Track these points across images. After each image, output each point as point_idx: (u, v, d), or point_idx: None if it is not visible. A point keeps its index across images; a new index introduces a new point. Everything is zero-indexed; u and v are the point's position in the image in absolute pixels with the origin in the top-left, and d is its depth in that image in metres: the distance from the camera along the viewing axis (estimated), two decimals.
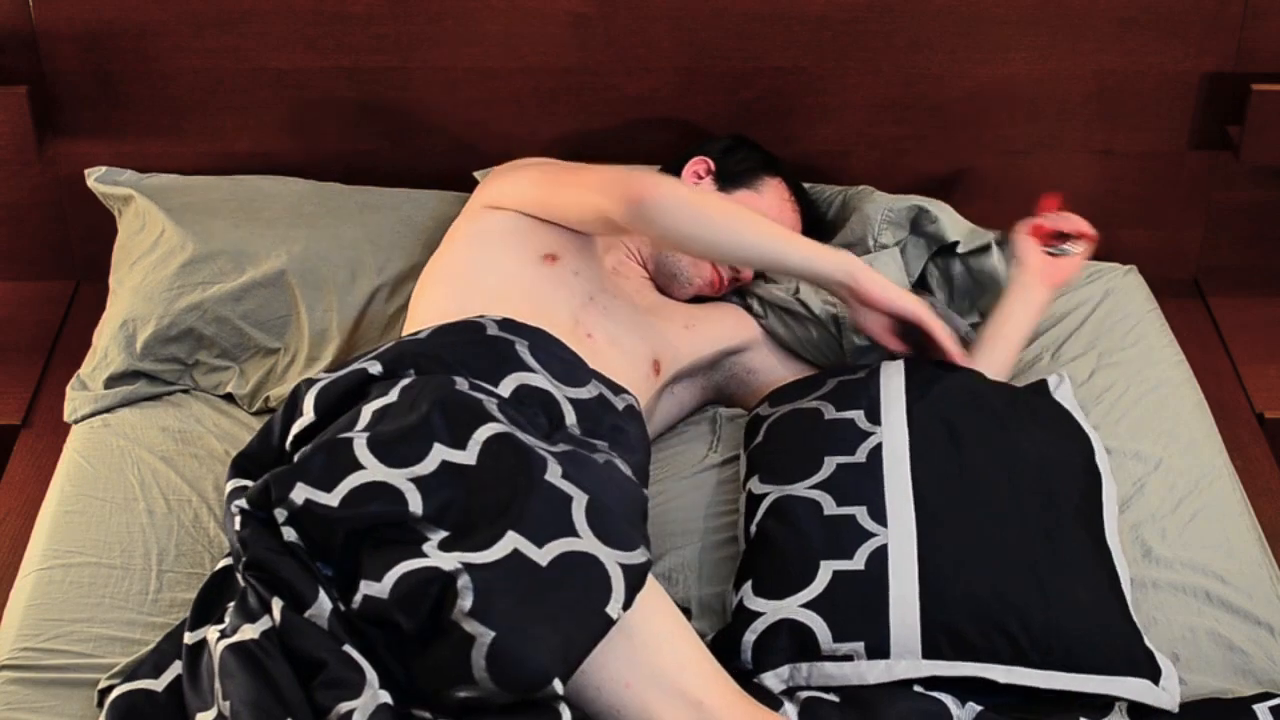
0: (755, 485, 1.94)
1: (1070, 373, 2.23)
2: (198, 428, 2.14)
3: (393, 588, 1.57)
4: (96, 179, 2.41)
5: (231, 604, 1.67)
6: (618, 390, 1.93)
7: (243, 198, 2.39)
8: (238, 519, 1.68)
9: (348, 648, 1.57)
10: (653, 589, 1.68)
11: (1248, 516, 2.04)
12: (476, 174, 2.41)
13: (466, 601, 1.54)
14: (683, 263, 2.23)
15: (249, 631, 1.60)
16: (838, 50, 2.44)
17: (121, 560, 1.92)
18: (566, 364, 1.90)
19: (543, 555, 1.59)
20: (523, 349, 1.87)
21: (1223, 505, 2.04)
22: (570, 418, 1.83)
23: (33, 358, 2.43)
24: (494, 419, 1.70)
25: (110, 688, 1.71)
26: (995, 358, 2.17)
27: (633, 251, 2.26)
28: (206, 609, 1.72)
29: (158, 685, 1.69)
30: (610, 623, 1.57)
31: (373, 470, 1.63)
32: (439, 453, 1.66)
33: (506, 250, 2.07)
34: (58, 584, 1.89)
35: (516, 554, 1.58)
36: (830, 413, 1.98)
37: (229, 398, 2.20)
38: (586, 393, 1.87)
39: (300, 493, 1.62)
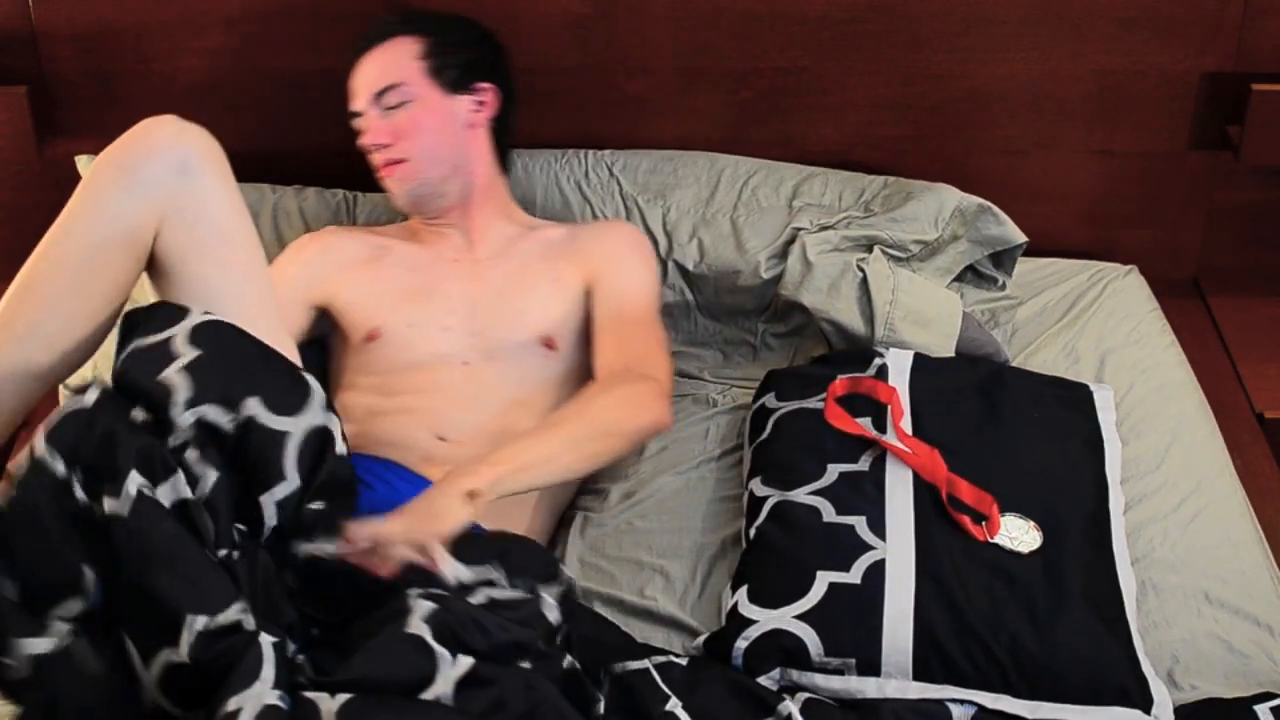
0: (757, 487, 1.93)
1: (1072, 373, 2.23)
2: None
3: None
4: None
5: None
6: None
7: (259, 210, 2.39)
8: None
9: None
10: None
11: (1249, 517, 2.04)
12: None
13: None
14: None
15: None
16: (838, 50, 2.44)
17: None
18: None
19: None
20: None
21: (1224, 506, 2.04)
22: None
23: None
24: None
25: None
26: None
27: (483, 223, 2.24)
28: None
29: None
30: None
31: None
32: None
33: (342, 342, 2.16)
34: None
35: None
36: None
37: None
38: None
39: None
